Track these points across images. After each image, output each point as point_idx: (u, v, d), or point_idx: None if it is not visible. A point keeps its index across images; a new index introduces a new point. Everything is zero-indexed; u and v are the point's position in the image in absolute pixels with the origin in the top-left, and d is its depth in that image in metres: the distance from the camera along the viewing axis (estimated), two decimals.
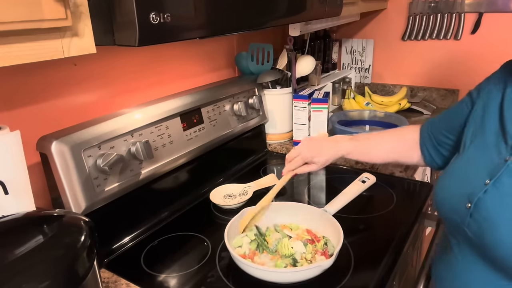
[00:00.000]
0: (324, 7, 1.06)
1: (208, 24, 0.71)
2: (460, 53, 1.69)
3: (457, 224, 0.69)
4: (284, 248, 0.82)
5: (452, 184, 0.73)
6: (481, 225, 0.64)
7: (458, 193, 0.69)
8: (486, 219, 0.64)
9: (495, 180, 0.64)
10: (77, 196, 0.82)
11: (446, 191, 0.73)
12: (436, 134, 0.89)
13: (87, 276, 0.55)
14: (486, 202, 0.64)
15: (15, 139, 0.64)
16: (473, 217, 0.66)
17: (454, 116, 0.85)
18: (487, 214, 0.64)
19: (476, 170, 0.68)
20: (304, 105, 1.34)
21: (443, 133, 0.87)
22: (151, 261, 0.87)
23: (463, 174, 0.71)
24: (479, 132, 0.73)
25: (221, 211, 1.07)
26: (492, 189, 0.64)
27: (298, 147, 0.97)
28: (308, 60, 1.49)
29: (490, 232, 0.63)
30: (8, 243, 0.52)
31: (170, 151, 1.04)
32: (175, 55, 1.22)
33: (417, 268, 1.17)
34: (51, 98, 0.91)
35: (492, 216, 0.63)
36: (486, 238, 0.63)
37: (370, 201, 1.08)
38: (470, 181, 0.68)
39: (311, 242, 0.85)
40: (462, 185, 0.70)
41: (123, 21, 0.58)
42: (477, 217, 0.65)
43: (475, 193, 0.65)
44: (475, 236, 0.66)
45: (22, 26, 0.50)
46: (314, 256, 0.81)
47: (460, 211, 0.68)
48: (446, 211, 0.73)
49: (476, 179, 0.67)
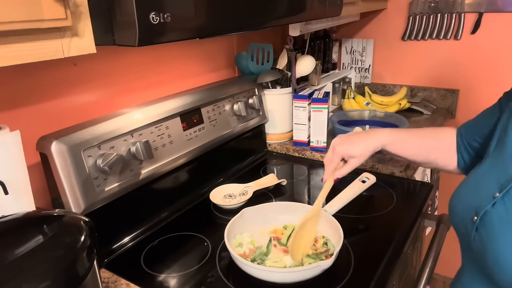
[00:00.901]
0: (324, 7, 1.06)
1: (208, 24, 0.71)
2: (460, 53, 1.69)
3: (465, 237, 0.66)
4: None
5: (463, 194, 0.69)
6: (484, 240, 0.61)
7: (467, 205, 0.66)
8: (488, 234, 0.61)
9: (504, 194, 0.60)
10: (77, 196, 0.82)
11: (457, 201, 0.70)
12: (469, 139, 0.84)
13: (87, 276, 0.55)
14: (491, 216, 0.61)
15: (15, 139, 0.64)
16: (478, 231, 0.62)
17: (484, 121, 0.80)
18: (491, 228, 0.60)
19: (488, 182, 0.65)
20: (304, 105, 1.34)
21: (475, 139, 0.82)
22: (151, 261, 0.87)
23: (475, 185, 0.68)
24: (500, 142, 0.69)
25: (221, 211, 1.07)
26: (500, 203, 0.60)
27: (331, 145, 0.92)
28: (308, 60, 1.49)
29: (491, 248, 0.60)
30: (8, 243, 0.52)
31: (170, 151, 1.04)
32: (175, 55, 1.22)
33: (417, 268, 1.17)
34: (51, 98, 0.91)
35: (495, 231, 0.60)
36: (487, 254, 0.60)
37: (370, 201, 1.08)
38: (480, 193, 0.65)
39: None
40: (473, 196, 0.66)
41: (123, 21, 0.58)
42: (481, 231, 0.62)
43: (483, 206, 0.62)
44: (478, 250, 0.63)
45: (22, 26, 0.50)
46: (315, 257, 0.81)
47: (467, 224, 0.65)
48: (456, 223, 0.69)
49: (486, 191, 0.63)
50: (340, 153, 0.90)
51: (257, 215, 0.92)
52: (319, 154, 1.36)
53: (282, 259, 0.81)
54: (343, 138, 0.91)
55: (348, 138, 0.91)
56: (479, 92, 1.69)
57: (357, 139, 0.90)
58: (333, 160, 0.90)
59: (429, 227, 1.16)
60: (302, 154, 1.39)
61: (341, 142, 0.90)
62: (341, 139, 0.91)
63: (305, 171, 1.30)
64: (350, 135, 0.93)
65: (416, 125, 1.61)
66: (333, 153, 0.91)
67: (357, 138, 0.90)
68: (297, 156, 1.40)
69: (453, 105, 1.77)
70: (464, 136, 0.85)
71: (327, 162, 0.92)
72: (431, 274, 0.93)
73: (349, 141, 0.90)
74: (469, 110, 1.74)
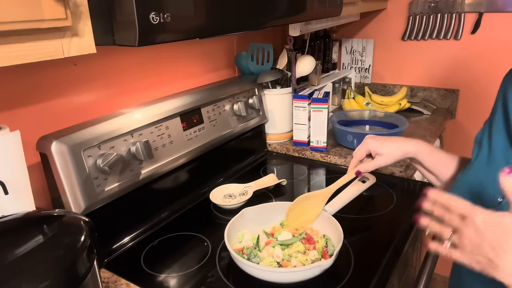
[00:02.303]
0: (324, 7, 1.06)
1: (208, 24, 0.71)
2: (460, 53, 1.69)
3: None
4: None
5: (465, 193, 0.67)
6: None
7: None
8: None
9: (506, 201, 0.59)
10: (77, 196, 0.82)
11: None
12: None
13: (87, 276, 0.55)
14: None
15: (15, 139, 0.64)
16: None
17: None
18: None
19: (488, 185, 0.64)
20: (304, 105, 1.34)
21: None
22: (151, 261, 0.87)
23: (475, 187, 0.67)
24: (488, 143, 0.69)
25: (221, 211, 1.07)
26: (505, 208, 0.58)
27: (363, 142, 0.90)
28: (308, 60, 1.49)
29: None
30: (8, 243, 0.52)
31: (170, 151, 1.04)
32: (175, 55, 1.22)
33: (417, 268, 1.17)
34: (51, 98, 0.91)
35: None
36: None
37: (370, 201, 1.08)
38: (482, 197, 0.64)
39: (306, 241, 0.85)
40: (474, 200, 0.64)
41: (123, 21, 0.58)
42: None
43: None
44: None
45: (22, 26, 0.50)
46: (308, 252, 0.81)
47: None
48: None
49: (488, 195, 0.62)
50: (368, 146, 0.88)
51: (257, 215, 0.92)
52: (319, 154, 1.36)
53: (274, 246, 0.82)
54: (378, 136, 0.90)
55: (383, 137, 0.90)
56: (479, 92, 1.69)
57: (391, 140, 0.88)
58: (359, 151, 0.88)
59: None
60: (302, 154, 1.39)
61: (374, 138, 0.89)
62: (375, 136, 0.90)
63: (305, 171, 1.30)
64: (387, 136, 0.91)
65: (416, 125, 1.61)
66: (362, 146, 0.89)
67: (391, 139, 0.89)
68: (297, 156, 1.40)
69: (453, 105, 1.77)
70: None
71: (355, 153, 0.91)
72: (431, 274, 0.94)
73: (382, 139, 0.88)
74: (469, 110, 1.74)
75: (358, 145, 0.92)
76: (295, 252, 0.81)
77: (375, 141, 0.88)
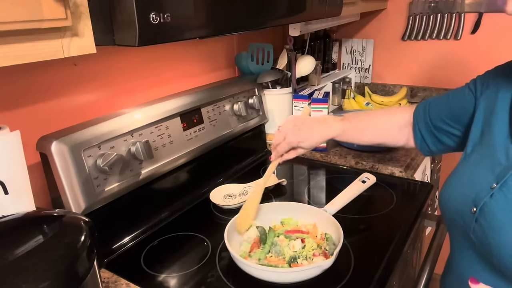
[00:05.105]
0: (324, 7, 1.06)
1: (208, 24, 0.71)
2: (460, 53, 1.69)
3: (462, 229, 0.67)
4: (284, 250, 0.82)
5: (456, 187, 0.70)
6: (486, 231, 0.62)
7: (463, 197, 0.67)
8: (491, 225, 0.61)
9: (501, 184, 0.61)
10: (77, 196, 0.82)
11: (450, 194, 0.71)
12: (435, 119, 0.84)
13: (87, 276, 0.55)
14: (492, 206, 0.61)
15: (15, 139, 0.64)
16: (478, 222, 0.63)
17: (456, 105, 0.80)
18: (493, 219, 0.61)
19: (482, 173, 0.65)
20: (304, 105, 1.34)
21: (443, 120, 0.82)
22: (151, 261, 0.87)
23: (468, 177, 0.68)
24: (486, 133, 0.69)
25: (221, 211, 1.07)
26: (498, 193, 0.61)
27: (282, 129, 0.92)
28: (308, 60, 1.49)
29: (495, 238, 0.60)
30: (8, 243, 0.52)
31: (170, 151, 1.04)
32: (175, 55, 1.22)
33: (417, 268, 1.17)
34: (51, 98, 0.91)
35: (498, 222, 0.60)
36: (491, 244, 0.61)
37: (370, 201, 1.08)
38: (476, 184, 0.65)
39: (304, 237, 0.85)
40: (467, 188, 0.67)
41: (123, 21, 0.58)
42: (482, 222, 0.62)
43: (481, 197, 0.63)
44: (479, 241, 0.63)
45: (22, 26, 0.50)
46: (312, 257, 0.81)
47: (465, 216, 0.65)
48: (451, 215, 0.70)
49: (482, 182, 0.64)
50: (292, 144, 0.91)
51: (257, 215, 0.92)
52: (319, 154, 1.36)
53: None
54: (296, 127, 0.91)
55: (302, 128, 0.91)
56: None
57: (310, 132, 0.90)
58: (283, 147, 0.91)
59: (429, 227, 1.16)
60: (302, 154, 1.39)
61: (294, 132, 0.90)
62: (294, 129, 0.91)
63: (305, 171, 1.30)
64: (302, 122, 0.92)
65: None
66: (284, 141, 0.91)
67: (310, 131, 0.90)
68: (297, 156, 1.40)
69: None
70: (428, 115, 0.85)
71: (275, 147, 0.93)
72: (431, 274, 0.94)
73: (302, 133, 0.90)
74: None
75: (358, 145, 0.93)
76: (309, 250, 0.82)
77: (295, 136, 0.90)
